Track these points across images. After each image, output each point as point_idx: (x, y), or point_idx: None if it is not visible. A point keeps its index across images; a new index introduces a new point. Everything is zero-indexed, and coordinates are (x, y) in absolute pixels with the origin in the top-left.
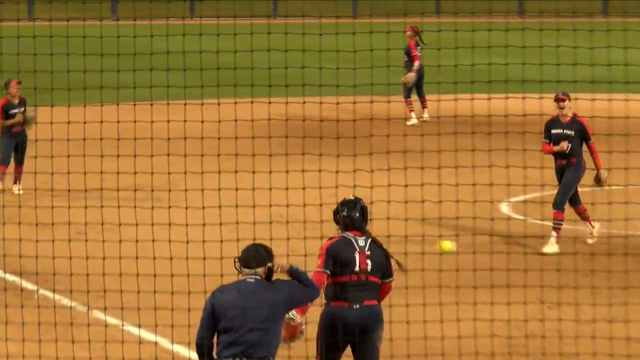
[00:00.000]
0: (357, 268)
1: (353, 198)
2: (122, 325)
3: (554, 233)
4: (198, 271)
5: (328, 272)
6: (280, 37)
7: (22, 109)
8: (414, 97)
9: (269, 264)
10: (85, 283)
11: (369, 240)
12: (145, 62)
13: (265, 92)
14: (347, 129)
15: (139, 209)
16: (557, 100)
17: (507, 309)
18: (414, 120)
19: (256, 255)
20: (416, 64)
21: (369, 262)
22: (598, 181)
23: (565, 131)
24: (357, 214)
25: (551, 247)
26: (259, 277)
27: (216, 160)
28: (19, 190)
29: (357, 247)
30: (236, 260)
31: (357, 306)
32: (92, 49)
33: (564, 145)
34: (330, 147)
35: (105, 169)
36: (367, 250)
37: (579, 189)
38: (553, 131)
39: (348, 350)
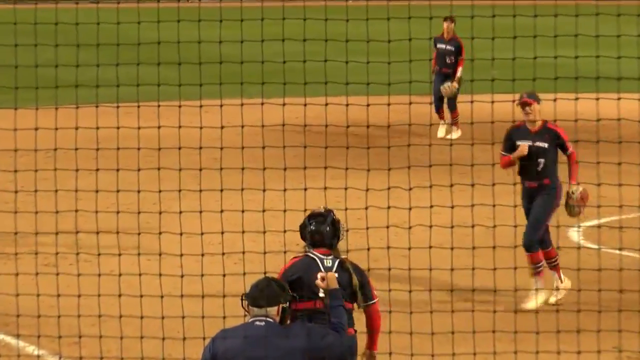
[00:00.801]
0: (321, 293)
1: (323, 210)
2: None
3: (535, 280)
4: (195, 312)
5: None
6: (298, 24)
7: None
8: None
9: (283, 304)
10: (56, 327)
11: (337, 261)
12: (132, 55)
13: (279, 92)
14: (379, 137)
15: (123, 236)
16: (522, 104)
17: (576, 358)
18: (458, 132)
19: (267, 292)
20: (460, 70)
21: None
22: (570, 209)
23: (536, 143)
24: (328, 229)
25: (531, 302)
26: (270, 320)
27: (218, 176)
28: None
29: (322, 268)
30: (243, 298)
31: None
32: (66, 38)
33: (524, 149)
34: (359, 158)
35: (81, 186)
36: (335, 272)
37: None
38: (519, 143)
39: None
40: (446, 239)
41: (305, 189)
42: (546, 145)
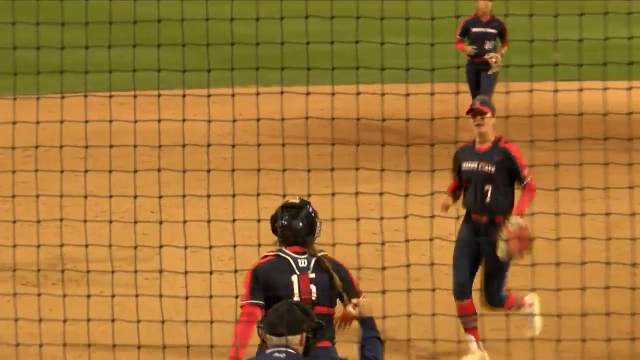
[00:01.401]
0: (296, 297)
1: (298, 201)
2: None
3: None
4: (202, 340)
5: (260, 302)
6: None
7: None
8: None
9: (307, 332)
10: (38, 357)
11: (314, 260)
12: (126, 34)
13: (302, 78)
14: (421, 132)
15: (117, 249)
16: (473, 111)
17: None
18: None
19: (288, 318)
20: (505, 48)
21: (313, 288)
22: (501, 246)
23: (481, 165)
24: (301, 224)
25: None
26: (292, 351)
27: (229, 178)
28: None
29: (295, 269)
30: (260, 325)
31: None
32: (49, 15)
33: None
34: (397, 158)
35: (66, 190)
36: (312, 272)
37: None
38: (464, 165)
39: None
40: None
41: (333, 194)
42: (492, 169)
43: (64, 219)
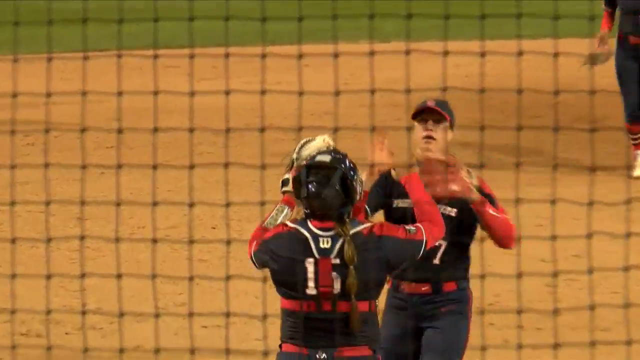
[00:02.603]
0: (311, 290)
1: (329, 159)
2: None
3: None
4: None
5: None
6: None
7: None
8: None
9: None
10: None
11: (340, 241)
12: None
13: (437, 31)
14: (611, 111)
15: (163, 283)
16: (421, 113)
17: None
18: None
19: None
20: None
21: (335, 278)
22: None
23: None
24: (333, 192)
25: None
26: None
27: None
28: None
29: (314, 251)
30: None
31: (323, 356)
32: None
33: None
34: (577, 149)
35: (89, 195)
36: (335, 257)
37: None
38: (397, 203)
39: None
40: None
41: None
42: (454, 211)
43: (86, 236)
